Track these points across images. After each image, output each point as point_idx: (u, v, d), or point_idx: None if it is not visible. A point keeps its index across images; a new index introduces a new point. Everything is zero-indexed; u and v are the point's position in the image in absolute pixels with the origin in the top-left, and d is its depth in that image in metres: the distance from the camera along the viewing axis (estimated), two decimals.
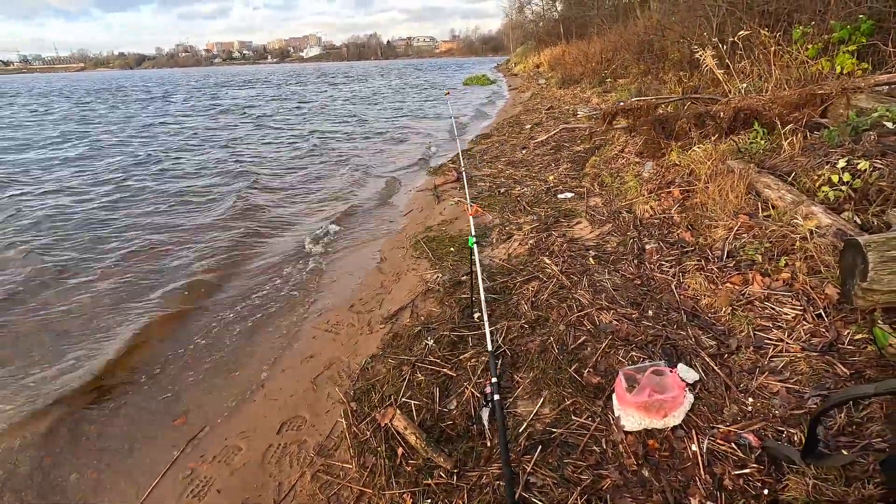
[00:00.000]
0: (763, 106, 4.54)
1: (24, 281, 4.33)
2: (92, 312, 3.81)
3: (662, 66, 9.32)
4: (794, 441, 1.84)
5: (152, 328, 3.56)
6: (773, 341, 2.37)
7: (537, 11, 35.34)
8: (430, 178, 7.24)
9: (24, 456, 2.49)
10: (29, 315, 3.78)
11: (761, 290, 2.69)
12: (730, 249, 3.13)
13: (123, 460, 2.43)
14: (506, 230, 4.45)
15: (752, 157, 4.06)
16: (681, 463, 1.87)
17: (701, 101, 5.89)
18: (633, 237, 3.79)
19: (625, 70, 12.02)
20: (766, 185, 3.41)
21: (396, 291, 3.77)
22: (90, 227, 5.75)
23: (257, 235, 5.35)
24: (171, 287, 4.15)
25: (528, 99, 15.96)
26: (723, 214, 3.47)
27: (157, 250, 5.00)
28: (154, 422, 2.67)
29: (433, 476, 1.99)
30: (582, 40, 20.57)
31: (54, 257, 4.86)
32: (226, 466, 2.30)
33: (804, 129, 4.06)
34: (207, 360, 3.19)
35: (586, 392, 2.30)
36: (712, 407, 2.09)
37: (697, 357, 2.39)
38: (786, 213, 3.09)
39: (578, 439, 2.05)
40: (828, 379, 2.08)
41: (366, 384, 2.65)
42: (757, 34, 5.65)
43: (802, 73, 5.10)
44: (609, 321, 2.79)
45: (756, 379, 2.18)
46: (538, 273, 3.48)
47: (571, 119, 9.50)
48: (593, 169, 5.83)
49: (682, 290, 2.98)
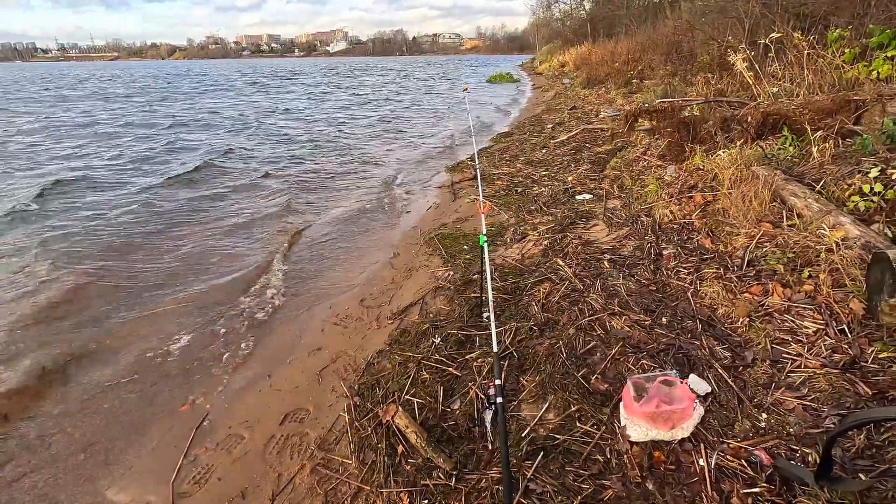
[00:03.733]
0: (794, 111, 4.38)
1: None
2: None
3: (690, 68, 9.10)
4: (808, 461, 1.76)
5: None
6: (791, 355, 2.28)
7: (565, 10, 34.93)
8: (448, 176, 7.22)
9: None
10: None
11: (781, 302, 2.59)
12: (750, 258, 3.03)
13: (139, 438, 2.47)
14: (520, 230, 4.39)
15: (779, 163, 3.92)
16: (687, 478, 1.81)
17: (728, 104, 5.73)
18: (650, 242, 3.70)
19: (651, 71, 11.77)
20: (792, 193, 3.29)
21: (407, 287, 3.75)
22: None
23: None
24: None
25: (551, 98, 15.78)
26: (745, 222, 3.35)
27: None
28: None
29: (432, 476, 1.96)
30: (609, 40, 20.24)
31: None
32: (227, 454, 2.32)
33: (836, 136, 3.90)
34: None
35: (593, 399, 2.24)
36: (723, 421, 2.02)
37: (710, 368, 2.31)
38: (812, 222, 2.97)
39: (582, 447, 2.00)
40: (848, 398, 1.99)
41: (371, 379, 2.64)
42: (790, 37, 5.46)
43: (837, 78, 4.91)
44: (621, 327, 2.72)
45: (771, 394, 2.10)
46: (551, 275, 3.41)
47: (594, 120, 9.35)
48: (614, 171, 5.72)
49: (698, 298, 2.89)
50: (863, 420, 1.51)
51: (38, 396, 2.82)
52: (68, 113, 16.44)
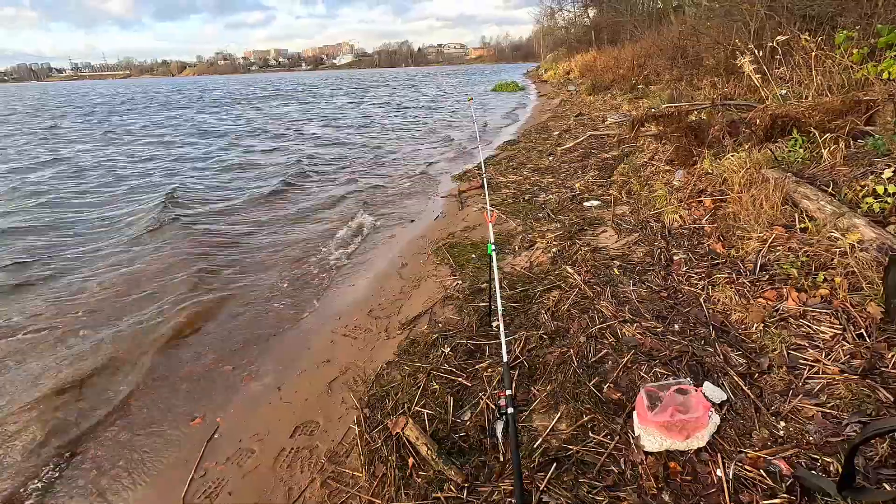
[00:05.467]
0: (803, 113, 4.35)
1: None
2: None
3: (697, 73, 9.08)
4: (829, 471, 1.71)
5: None
6: (808, 362, 2.23)
7: (569, 18, 35.06)
8: (454, 185, 7.23)
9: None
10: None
11: (797, 307, 2.54)
12: (763, 262, 2.98)
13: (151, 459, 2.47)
14: (528, 238, 4.37)
15: (789, 166, 3.88)
16: (704, 489, 1.76)
17: (735, 107, 5.69)
18: (660, 247, 3.66)
19: (657, 76, 11.76)
20: (804, 196, 3.24)
21: (416, 297, 3.74)
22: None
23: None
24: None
25: (556, 105, 15.79)
26: (756, 225, 3.31)
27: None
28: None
29: (443, 489, 1.93)
30: (613, 46, 20.27)
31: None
32: (238, 468, 2.31)
33: (847, 137, 3.85)
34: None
35: (606, 408, 2.21)
36: (740, 430, 1.97)
37: (725, 376, 2.27)
38: (825, 225, 2.92)
39: (595, 458, 1.96)
40: (869, 405, 1.93)
41: (380, 391, 2.62)
42: (797, 39, 5.43)
43: (846, 79, 4.86)
44: (632, 334, 2.68)
45: (789, 401, 2.05)
46: (560, 282, 3.39)
47: (601, 126, 9.34)
48: (621, 177, 5.69)
49: (710, 304, 2.85)
50: (886, 428, 1.46)
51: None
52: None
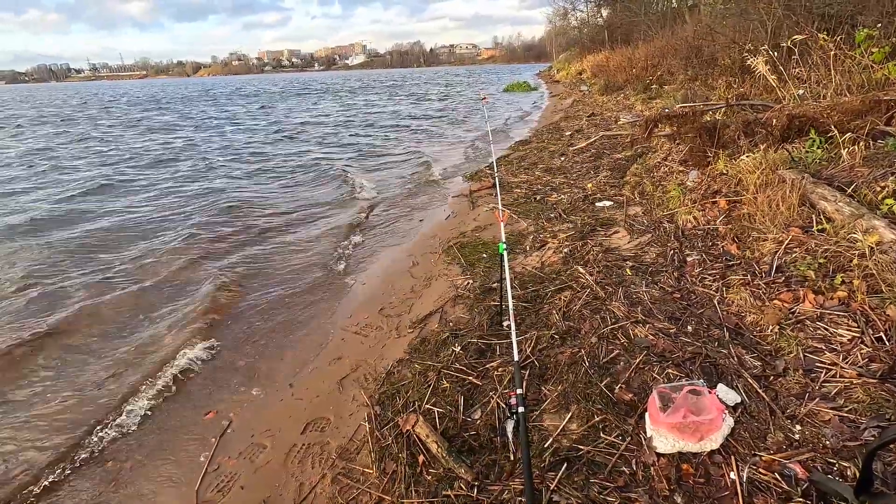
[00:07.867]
0: (821, 113, 4.27)
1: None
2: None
3: (711, 72, 8.96)
4: (846, 476, 1.68)
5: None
6: (825, 365, 2.19)
7: (582, 17, 34.81)
8: (465, 185, 7.22)
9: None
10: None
11: (813, 309, 2.50)
12: (779, 264, 2.94)
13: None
14: (540, 238, 4.36)
15: (806, 167, 3.81)
16: (717, 491, 1.74)
17: (751, 107, 5.61)
18: (673, 248, 3.63)
19: (671, 76, 11.64)
20: (821, 197, 3.19)
21: (426, 296, 3.75)
22: None
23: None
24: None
25: (569, 105, 15.71)
26: (772, 227, 3.26)
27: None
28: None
29: (453, 487, 1.94)
30: (626, 46, 20.10)
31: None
32: (250, 463, 2.33)
33: (867, 137, 3.78)
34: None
35: (617, 409, 2.19)
36: (754, 432, 1.95)
37: (739, 378, 2.24)
38: (843, 226, 2.87)
39: (607, 459, 1.95)
40: (888, 409, 1.90)
41: (391, 388, 2.63)
42: (815, 38, 5.34)
43: (866, 79, 4.77)
44: (645, 335, 2.66)
45: (805, 405, 2.02)
46: (571, 283, 3.37)
47: (613, 126, 9.27)
48: (634, 177, 5.64)
49: (725, 305, 2.81)
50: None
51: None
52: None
